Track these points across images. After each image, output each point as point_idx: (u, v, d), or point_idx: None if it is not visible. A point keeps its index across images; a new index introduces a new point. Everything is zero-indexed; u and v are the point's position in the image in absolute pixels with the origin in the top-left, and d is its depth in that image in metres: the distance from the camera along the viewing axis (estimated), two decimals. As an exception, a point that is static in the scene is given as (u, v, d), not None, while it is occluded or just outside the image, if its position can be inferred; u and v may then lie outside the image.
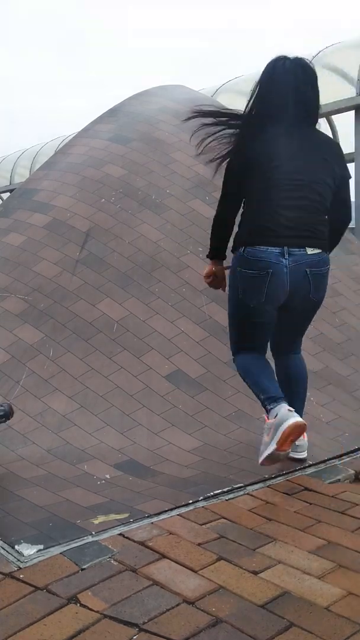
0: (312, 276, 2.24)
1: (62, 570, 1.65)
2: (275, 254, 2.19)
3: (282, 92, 2.20)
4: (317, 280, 2.27)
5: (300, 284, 2.24)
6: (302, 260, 2.21)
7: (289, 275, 2.21)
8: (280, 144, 2.20)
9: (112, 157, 4.27)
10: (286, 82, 2.20)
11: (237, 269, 2.30)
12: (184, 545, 1.79)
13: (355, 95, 8.60)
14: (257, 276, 2.22)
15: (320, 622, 1.43)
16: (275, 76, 2.24)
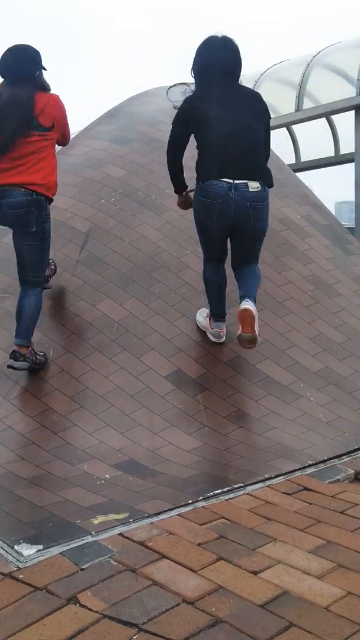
0: (251, 209, 2.80)
1: (61, 571, 1.65)
2: (224, 188, 2.77)
3: (213, 61, 2.83)
4: (256, 212, 2.81)
5: (242, 214, 2.79)
6: (245, 195, 2.77)
7: (234, 205, 2.77)
8: (219, 100, 2.81)
9: (112, 158, 4.27)
10: (215, 53, 2.83)
11: (198, 197, 2.91)
12: (184, 545, 1.79)
13: (355, 95, 8.61)
14: (210, 203, 2.81)
15: (320, 622, 1.43)
16: (207, 49, 2.86)
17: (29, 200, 2.90)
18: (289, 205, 4.26)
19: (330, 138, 9.81)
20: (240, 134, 2.76)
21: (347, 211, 19.49)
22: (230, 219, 2.82)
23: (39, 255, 3.05)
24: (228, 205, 2.77)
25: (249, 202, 2.77)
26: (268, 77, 9.73)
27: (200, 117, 2.82)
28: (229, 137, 2.76)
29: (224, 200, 2.77)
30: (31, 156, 2.91)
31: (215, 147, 2.79)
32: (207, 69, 2.84)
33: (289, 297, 3.59)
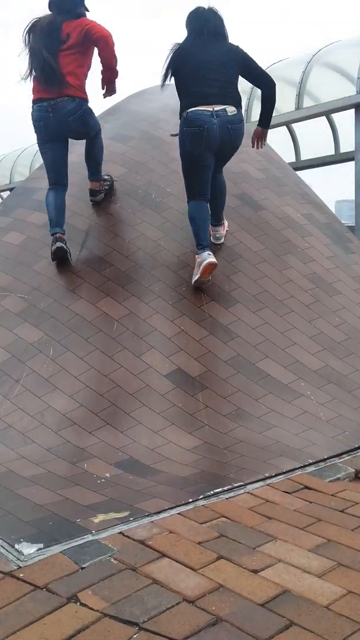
0: (232, 130, 3.30)
1: (62, 569, 1.65)
2: (207, 115, 3.22)
3: (200, 21, 3.38)
4: (236, 132, 3.33)
5: (225, 136, 3.28)
6: (225, 119, 3.25)
7: (219, 130, 3.24)
8: (200, 47, 3.33)
9: (112, 156, 4.27)
10: (203, 17, 3.39)
11: (183, 129, 3.29)
12: (184, 544, 1.79)
13: (356, 94, 8.59)
14: (197, 131, 3.24)
15: (320, 621, 1.43)
16: (196, 14, 3.41)
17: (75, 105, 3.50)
18: (290, 203, 4.26)
19: (330, 136, 9.80)
20: (209, 70, 3.25)
21: (347, 209, 19.47)
22: (217, 143, 3.27)
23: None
24: (213, 130, 3.23)
25: (230, 124, 3.26)
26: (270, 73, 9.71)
27: (183, 59, 3.32)
28: (201, 72, 3.25)
29: (209, 127, 3.22)
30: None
31: (191, 79, 3.27)
32: (198, 31, 3.36)
33: (289, 295, 3.59)
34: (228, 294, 3.48)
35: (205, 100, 3.23)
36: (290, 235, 3.99)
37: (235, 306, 3.42)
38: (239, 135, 3.38)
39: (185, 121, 3.26)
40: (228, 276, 3.57)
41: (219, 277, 3.56)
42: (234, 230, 3.86)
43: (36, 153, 13.39)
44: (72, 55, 3.41)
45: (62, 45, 3.40)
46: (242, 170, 4.33)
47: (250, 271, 3.65)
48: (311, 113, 9.21)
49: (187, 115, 3.25)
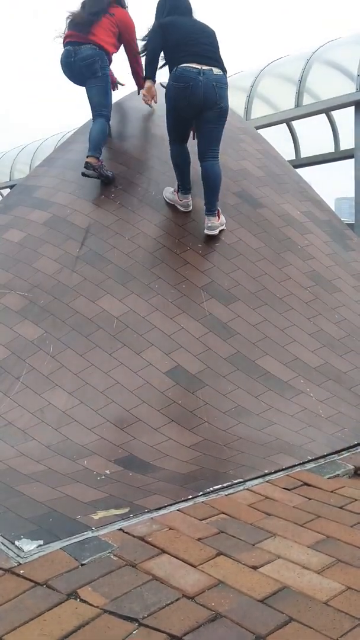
0: (217, 88, 3.50)
1: (62, 566, 1.66)
2: (194, 72, 3.47)
3: (175, 2, 3.71)
4: (220, 92, 3.52)
5: (209, 92, 3.48)
6: (211, 77, 3.48)
7: (203, 87, 3.47)
8: (184, 20, 3.67)
9: (112, 154, 4.26)
10: (172, 1, 3.73)
11: (171, 83, 3.55)
12: (184, 540, 1.79)
13: (355, 91, 8.57)
14: (184, 87, 3.48)
15: (319, 617, 1.43)
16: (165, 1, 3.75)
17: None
18: (289, 201, 4.26)
19: (330, 134, 9.78)
20: (201, 35, 3.57)
21: (347, 207, 19.47)
22: (201, 98, 3.48)
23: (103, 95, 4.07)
24: (198, 87, 3.47)
25: (214, 82, 3.49)
26: (268, 73, 9.69)
27: (170, 27, 3.62)
28: (193, 35, 3.55)
29: (194, 83, 3.46)
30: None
31: (183, 41, 3.54)
32: (168, 11, 3.70)
33: (288, 293, 3.59)
34: (228, 291, 3.49)
35: (195, 58, 3.48)
36: (290, 232, 3.99)
37: (234, 303, 3.42)
38: (223, 96, 3.54)
39: (174, 76, 3.51)
40: (227, 274, 3.57)
41: (219, 275, 3.56)
42: (233, 228, 3.86)
43: (36, 151, 13.38)
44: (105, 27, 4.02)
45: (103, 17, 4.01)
46: (241, 167, 4.33)
47: (250, 268, 3.65)
48: (311, 110, 9.19)
49: (176, 71, 3.49)
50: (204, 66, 3.48)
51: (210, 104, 3.50)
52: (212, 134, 3.62)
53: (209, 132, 3.61)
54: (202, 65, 3.48)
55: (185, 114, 3.59)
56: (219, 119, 3.60)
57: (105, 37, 3.98)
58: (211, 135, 3.62)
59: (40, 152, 12.78)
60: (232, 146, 4.45)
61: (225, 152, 4.31)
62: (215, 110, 3.54)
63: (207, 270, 3.56)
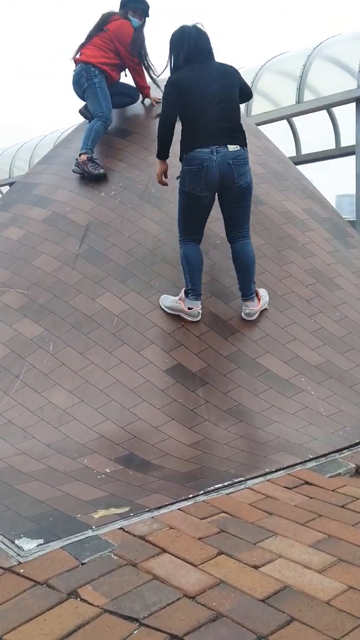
0: (234, 166, 3.16)
1: (62, 565, 1.65)
2: (207, 153, 3.13)
3: (189, 46, 3.21)
4: (238, 168, 3.17)
5: (226, 172, 3.15)
6: (227, 155, 3.15)
7: (218, 166, 3.14)
8: (199, 76, 3.18)
9: (112, 151, 4.25)
10: (191, 39, 3.22)
11: (184, 168, 3.21)
12: (185, 539, 1.79)
13: (356, 88, 8.54)
14: (197, 169, 3.15)
15: (320, 617, 1.43)
16: (181, 36, 3.24)
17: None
18: (290, 198, 4.24)
19: (331, 130, 9.76)
20: (217, 104, 3.15)
21: (347, 204, 19.44)
22: (218, 180, 3.16)
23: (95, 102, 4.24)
24: (213, 167, 3.14)
25: (231, 159, 3.15)
26: (268, 69, 9.66)
27: (184, 94, 3.17)
28: (208, 108, 3.14)
29: (209, 164, 3.13)
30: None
31: (196, 119, 3.16)
32: (187, 53, 3.23)
33: (289, 290, 3.58)
34: (228, 289, 3.47)
35: (208, 141, 3.13)
36: (291, 230, 3.98)
37: (235, 301, 3.41)
38: (244, 172, 3.20)
39: (186, 161, 3.18)
40: (228, 271, 3.56)
41: (219, 272, 3.55)
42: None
43: (35, 148, 13.36)
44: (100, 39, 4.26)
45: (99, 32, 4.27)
46: (242, 164, 4.31)
47: (251, 266, 3.64)
48: (312, 107, 9.17)
49: (187, 156, 3.17)
50: (218, 146, 3.13)
51: (228, 183, 3.17)
52: (237, 215, 3.31)
53: (233, 213, 3.31)
54: (215, 145, 3.14)
55: (203, 200, 3.22)
56: (241, 197, 3.26)
57: (92, 53, 4.20)
58: (236, 216, 3.31)
59: (40, 149, 12.75)
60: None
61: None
62: (235, 189, 3.20)
63: (208, 267, 3.55)
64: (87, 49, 4.25)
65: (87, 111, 4.39)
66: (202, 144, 3.13)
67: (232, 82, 3.24)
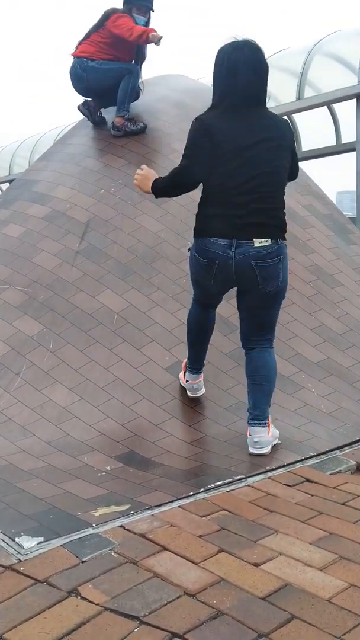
0: (259, 268, 2.32)
1: (62, 563, 1.65)
2: (223, 246, 2.31)
3: (232, 82, 2.30)
4: (265, 272, 2.32)
5: (246, 275, 2.34)
6: (248, 252, 2.30)
7: (235, 266, 2.33)
8: (236, 130, 2.29)
9: (112, 148, 4.24)
10: (236, 72, 2.29)
11: (193, 252, 2.46)
12: (185, 537, 1.78)
13: (357, 84, 8.53)
14: (207, 265, 2.39)
15: (322, 615, 1.42)
16: (230, 61, 2.31)
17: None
18: (290, 194, 4.23)
19: (331, 127, 9.74)
20: (254, 178, 2.27)
21: (348, 201, 19.39)
22: (232, 282, 2.42)
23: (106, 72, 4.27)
24: (227, 266, 2.33)
25: (255, 260, 2.28)
26: (269, 65, 9.64)
27: (215, 150, 2.28)
28: (238, 179, 2.26)
29: (222, 262, 2.32)
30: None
31: (221, 195, 2.30)
32: (226, 92, 2.31)
33: (290, 287, 3.55)
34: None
35: (223, 228, 2.31)
36: (291, 226, 3.94)
37: (235, 299, 3.40)
38: (274, 275, 2.34)
39: (197, 247, 2.41)
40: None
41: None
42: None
43: (35, 144, 13.34)
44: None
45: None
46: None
47: (251, 263, 3.63)
48: (312, 103, 9.15)
49: (200, 242, 2.39)
50: (240, 239, 2.29)
51: (248, 287, 2.38)
52: (259, 322, 2.48)
53: (254, 319, 2.48)
54: (235, 237, 2.29)
55: (211, 289, 2.53)
56: (267, 304, 2.43)
57: (87, 48, 4.22)
58: (258, 322, 2.48)
59: (40, 146, 12.74)
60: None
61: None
62: (260, 293, 2.37)
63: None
64: (83, 45, 4.25)
65: (85, 108, 4.40)
66: (218, 231, 2.31)
67: (282, 147, 2.34)
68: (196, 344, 2.69)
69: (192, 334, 2.68)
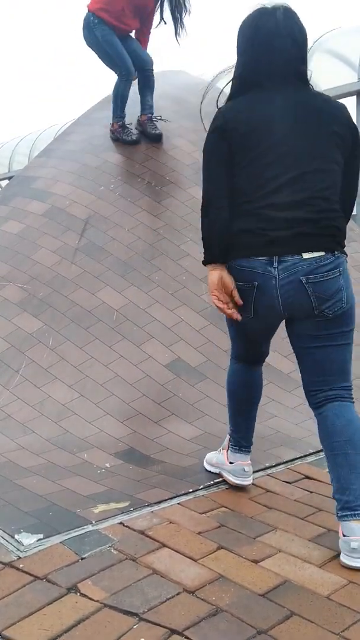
0: (311, 285, 1.72)
1: (62, 560, 1.65)
2: (261, 262, 1.74)
3: (265, 54, 1.77)
4: (320, 289, 1.72)
5: (295, 298, 1.74)
6: (296, 268, 1.71)
7: (280, 288, 1.73)
8: (270, 117, 1.75)
9: (111, 144, 4.23)
10: (269, 41, 1.76)
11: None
12: (184, 534, 1.79)
13: (357, 81, 8.51)
14: (242, 289, 1.80)
15: (321, 611, 1.43)
16: (258, 28, 1.79)
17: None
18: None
19: (331, 124, 9.72)
20: (296, 177, 1.72)
21: (347, 198, 19.34)
22: (278, 314, 1.80)
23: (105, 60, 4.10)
24: (270, 288, 1.75)
25: (305, 276, 1.71)
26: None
27: (237, 145, 1.77)
28: (278, 183, 1.72)
29: (262, 283, 1.75)
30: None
31: (255, 202, 1.75)
32: (255, 69, 1.79)
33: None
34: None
35: (265, 249, 1.74)
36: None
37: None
38: (334, 291, 1.73)
39: (229, 267, 1.83)
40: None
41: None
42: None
43: (35, 141, 13.31)
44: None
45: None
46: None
47: (251, 260, 3.63)
48: (312, 100, 9.12)
49: (232, 264, 1.81)
50: (283, 254, 1.72)
51: (301, 313, 1.77)
52: (322, 361, 1.80)
53: (315, 358, 1.81)
54: (276, 253, 1.72)
55: (256, 330, 1.96)
56: (330, 333, 1.77)
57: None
58: (320, 361, 1.80)
59: (40, 143, 12.71)
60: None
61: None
62: (317, 320, 1.76)
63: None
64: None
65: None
66: (254, 249, 1.76)
67: (334, 136, 1.75)
68: (242, 412, 2.13)
69: (235, 401, 2.13)
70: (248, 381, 2.10)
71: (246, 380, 2.10)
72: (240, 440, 2.14)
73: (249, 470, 2.11)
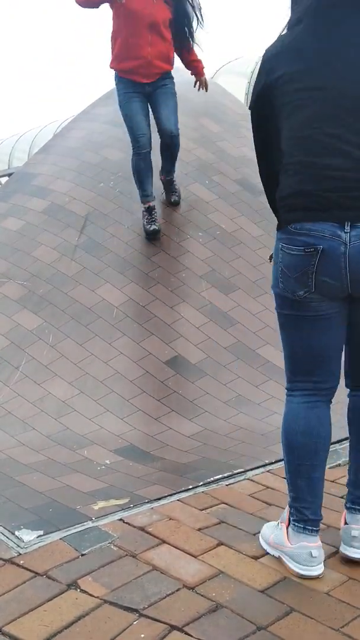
0: None
1: (62, 556, 1.65)
2: (329, 227, 1.44)
3: None
4: None
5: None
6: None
7: (349, 256, 1.44)
8: (330, 50, 1.43)
9: (111, 141, 4.22)
10: None
11: (279, 251, 1.54)
12: (184, 530, 1.79)
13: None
14: (303, 256, 1.47)
15: (320, 607, 1.43)
16: None
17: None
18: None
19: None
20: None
21: (348, 195, 19.32)
22: (345, 284, 1.48)
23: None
24: (336, 257, 1.45)
25: None
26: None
27: (287, 88, 1.47)
28: (340, 128, 1.42)
29: (328, 249, 1.45)
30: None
31: (311, 159, 1.46)
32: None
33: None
34: (228, 280, 3.46)
35: (331, 210, 1.45)
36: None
37: (235, 292, 3.40)
38: None
39: (285, 238, 1.51)
40: (228, 262, 3.54)
41: (219, 263, 3.53)
42: (233, 216, 3.82)
43: (35, 138, 13.29)
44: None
45: None
46: (241, 154, 4.29)
47: (250, 257, 3.63)
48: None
49: (285, 227, 1.51)
50: (357, 220, 1.43)
51: None
52: None
53: None
54: (347, 217, 1.43)
55: (311, 311, 1.53)
56: None
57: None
58: None
59: (40, 140, 12.69)
60: (232, 132, 4.40)
61: (224, 138, 4.26)
62: None
63: (208, 258, 3.53)
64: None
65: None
66: (318, 214, 1.46)
67: None
68: (306, 471, 1.61)
69: (295, 455, 1.62)
70: (314, 423, 1.64)
71: (312, 420, 1.64)
72: (303, 511, 1.58)
73: (317, 556, 1.53)
